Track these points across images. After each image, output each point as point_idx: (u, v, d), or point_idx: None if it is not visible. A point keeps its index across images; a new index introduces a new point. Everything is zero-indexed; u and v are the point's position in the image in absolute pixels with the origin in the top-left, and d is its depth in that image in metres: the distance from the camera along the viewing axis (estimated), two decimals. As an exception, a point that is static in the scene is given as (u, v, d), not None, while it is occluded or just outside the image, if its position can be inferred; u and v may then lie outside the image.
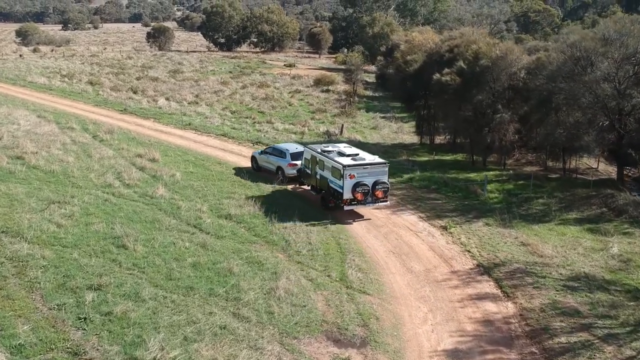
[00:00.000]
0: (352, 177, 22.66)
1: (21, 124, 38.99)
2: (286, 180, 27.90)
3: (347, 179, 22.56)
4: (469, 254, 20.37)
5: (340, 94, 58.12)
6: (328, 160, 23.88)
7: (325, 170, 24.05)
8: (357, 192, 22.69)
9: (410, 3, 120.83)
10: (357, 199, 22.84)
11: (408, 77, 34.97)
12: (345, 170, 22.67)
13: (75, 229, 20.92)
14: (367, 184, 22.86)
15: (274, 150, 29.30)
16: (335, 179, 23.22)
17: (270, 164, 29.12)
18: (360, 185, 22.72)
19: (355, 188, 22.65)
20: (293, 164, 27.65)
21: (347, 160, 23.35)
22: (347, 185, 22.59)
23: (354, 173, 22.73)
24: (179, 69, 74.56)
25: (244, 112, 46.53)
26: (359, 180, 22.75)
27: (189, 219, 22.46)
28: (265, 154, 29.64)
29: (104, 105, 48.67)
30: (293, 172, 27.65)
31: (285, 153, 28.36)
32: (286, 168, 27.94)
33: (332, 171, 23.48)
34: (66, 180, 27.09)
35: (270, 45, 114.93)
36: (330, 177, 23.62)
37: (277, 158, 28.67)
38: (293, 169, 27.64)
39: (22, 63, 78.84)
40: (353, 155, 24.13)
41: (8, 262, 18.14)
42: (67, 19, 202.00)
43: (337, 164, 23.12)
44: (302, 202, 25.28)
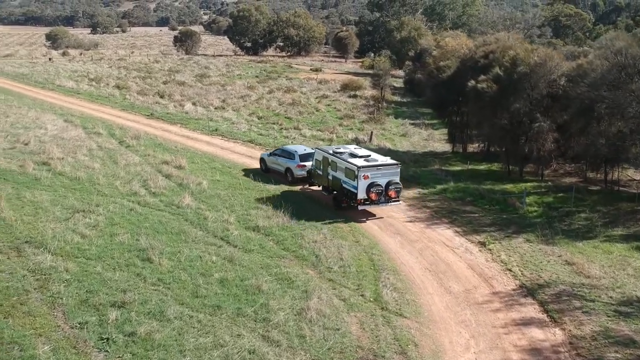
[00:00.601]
0: (366, 178, 23.03)
1: (48, 128, 38.85)
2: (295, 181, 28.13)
3: (361, 179, 22.91)
4: (510, 274, 19.21)
5: (368, 99, 57.14)
6: (341, 162, 24.12)
7: (338, 171, 24.31)
8: (371, 193, 23.03)
9: (438, 7, 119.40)
10: (371, 199, 23.15)
11: (441, 83, 33.85)
12: (360, 171, 22.97)
13: (100, 240, 20.31)
14: (381, 185, 23.23)
15: (283, 152, 29.40)
16: (349, 180, 23.52)
17: (279, 166, 29.21)
18: (375, 185, 23.09)
19: (370, 188, 23.00)
20: (302, 165, 27.83)
21: (360, 162, 23.61)
22: (362, 186, 22.96)
23: (368, 174, 23.08)
24: (206, 73, 74.36)
25: (271, 118, 45.81)
26: (373, 180, 23.12)
27: (215, 231, 21.71)
28: (274, 156, 29.72)
29: (131, 110, 48.43)
30: (302, 173, 27.78)
31: (294, 154, 28.46)
32: (295, 169, 28.07)
33: (346, 172, 23.75)
34: (91, 187, 26.61)
35: (296, 49, 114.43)
36: (344, 177, 23.89)
37: (286, 159, 28.78)
38: (302, 170, 27.79)
39: (51, 66, 79.50)
40: (365, 157, 24.37)
41: (30, 275, 17.57)
42: (96, 23, 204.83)
43: (352, 165, 23.42)
44: (330, 213, 24.32)
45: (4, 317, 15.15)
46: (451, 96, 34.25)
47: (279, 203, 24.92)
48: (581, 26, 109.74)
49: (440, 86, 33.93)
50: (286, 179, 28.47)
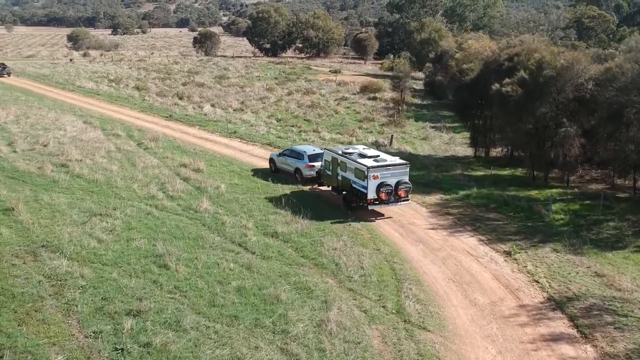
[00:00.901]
0: (376, 178, 23.23)
1: (67, 130, 38.87)
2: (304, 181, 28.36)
3: (370, 179, 23.10)
4: (537, 285, 18.49)
5: (388, 101, 56.43)
6: (350, 162, 24.31)
7: (347, 172, 24.50)
8: (381, 192, 23.25)
9: (458, 8, 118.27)
10: (381, 199, 23.35)
11: (463, 86, 33.12)
12: (369, 171, 23.16)
13: (116, 245, 20.00)
14: (391, 184, 23.47)
15: (292, 152, 29.63)
16: (359, 180, 23.70)
17: (288, 166, 29.45)
18: (384, 185, 23.30)
19: (380, 188, 23.22)
20: (310, 166, 28.08)
21: (370, 162, 23.77)
22: (371, 186, 23.15)
23: (377, 174, 23.28)
24: (225, 74, 74.29)
25: (290, 120, 45.41)
26: (382, 180, 23.32)
27: (233, 237, 21.29)
28: (283, 156, 29.94)
29: (150, 111, 48.37)
30: (311, 174, 28.02)
31: (303, 155, 28.69)
32: (304, 169, 28.31)
33: (355, 172, 23.93)
34: (109, 190, 26.39)
35: (315, 50, 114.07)
36: (353, 178, 24.07)
37: (295, 160, 29.01)
38: (311, 170, 28.02)
39: (72, 67, 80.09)
40: (374, 157, 24.52)
41: (46, 281, 17.30)
42: (117, 24, 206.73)
43: (361, 166, 23.60)
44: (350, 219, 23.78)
45: (18, 325, 14.88)
46: (474, 99, 33.52)
47: (298, 208, 24.44)
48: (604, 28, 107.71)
49: (463, 89, 33.19)
50: (295, 179, 28.67)
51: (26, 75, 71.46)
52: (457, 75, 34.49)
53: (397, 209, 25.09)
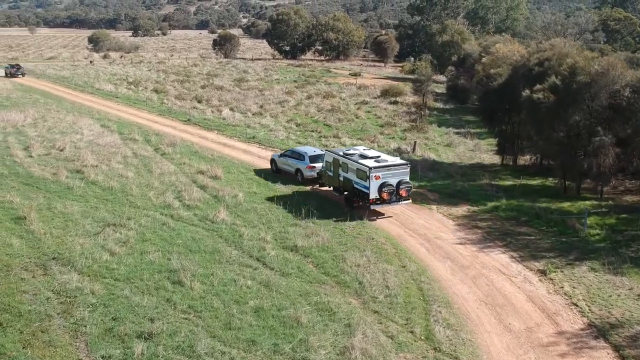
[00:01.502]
0: (378, 178, 23.52)
1: (84, 133, 38.31)
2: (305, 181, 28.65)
3: (372, 180, 23.39)
4: (576, 309, 17.20)
5: (410, 106, 55.21)
6: (352, 163, 24.61)
7: (349, 172, 24.78)
8: (383, 192, 23.55)
9: (481, 10, 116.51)
10: (383, 199, 23.63)
11: (491, 91, 31.82)
12: (371, 171, 23.46)
13: (129, 259, 19.13)
14: (392, 184, 23.79)
15: (293, 153, 29.96)
16: (361, 180, 23.99)
17: (289, 166, 29.76)
18: (386, 185, 23.63)
19: (382, 188, 23.54)
20: (311, 167, 28.38)
21: (371, 162, 24.04)
22: (373, 186, 23.46)
23: (379, 174, 23.58)
24: (244, 77, 73.61)
25: (310, 125, 44.38)
26: (384, 180, 23.64)
27: (251, 250, 20.31)
28: (285, 157, 30.28)
29: (168, 115, 47.72)
30: (311, 174, 28.30)
31: (304, 156, 28.98)
32: (305, 170, 28.61)
33: (357, 173, 24.20)
34: (124, 198, 25.61)
35: (335, 53, 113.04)
36: (355, 178, 24.35)
37: (296, 160, 29.34)
38: (311, 171, 28.32)
39: (92, 69, 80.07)
40: (375, 158, 24.82)
41: (55, 297, 16.47)
42: (137, 26, 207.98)
43: (363, 166, 23.88)
44: (376, 234, 22.68)
45: (23, 347, 14.04)
46: (502, 105, 32.20)
47: (319, 220, 23.43)
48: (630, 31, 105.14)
49: (491, 94, 31.89)
50: (296, 179, 28.92)
51: (46, 77, 71.51)
52: (484, 80, 33.19)
53: (424, 222, 23.95)
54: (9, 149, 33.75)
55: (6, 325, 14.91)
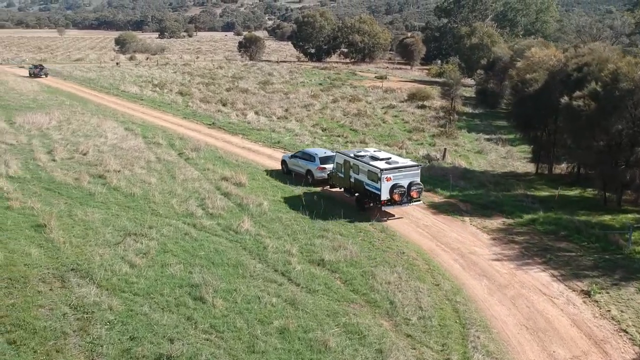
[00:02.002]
0: (389, 180, 23.65)
1: (108, 137, 37.89)
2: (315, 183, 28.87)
3: (384, 181, 23.53)
4: (626, 336, 15.91)
5: (438, 110, 54.00)
6: (363, 165, 24.71)
7: (360, 174, 24.90)
8: (394, 194, 23.66)
9: (510, 13, 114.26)
10: (394, 200, 23.75)
11: (526, 97, 30.48)
12: (383, 173, 23.60)
13: (150, 272, 18.37)
14: (403, 186, 23.88)
15: (304, 155, 30.10)
16: (372, 182, 24.11)
17: (299, 167, 29.91)
18: (397, 187, 23.74)
19: (393, 190, 23.65)
20: (322, 168, 28.53)
21: (382, 164, 24.18)
22: (385, 188, 23.62)
23: (390, 176, 23.70)
24: (269, 80, 73.02)
25: (336, 130, 43.45)
26: (395, 182, 23.77)
27: (276, 264, 19.40)
28: (295, 158, 30.42)
29: (193, 118, 47.20)
30: (322, 175, 28.41)
31: (315, 157, 29.16)
32: (315, 171, 28.76)
33: (368, 174, 24.33)
34: (146, 206, 24.92)
35: (360, 56, 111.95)
36: (367, 180, 24.47)
37: (307, 162, 29.48)
38: (322, 172, 28.45)
39: (118, 71, 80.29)
40: (386, 159, 24.97)
41: (71, 313, 15.74)
42: (164, 27, 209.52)
43: (374, 168, 24.02)
44: (413, 249, 21.61)
45: (36, 368, 13.32)
46: (538, 112, 30.81)
47: (347, 231, 22.48)
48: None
49: (526, 101, 30.54)
50: (306, 180, 29.05)
51: (73, 78, 71.81)
52: (519, 86, 31.84)
53: (457, 235, 22.81)
54: (33, 152, 33.41)
55: (20, 344, 14.22)
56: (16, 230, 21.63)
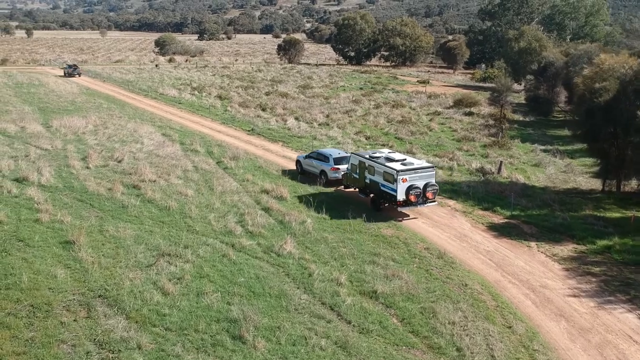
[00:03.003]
0: (405, 181, 23.75)
1: (145, 143, 36.52)
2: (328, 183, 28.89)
3: (400, 182, 23.63)
4: None
5: (487, 118, 51.15)
6: (379, 166, 24.80)
7: (375, 175, 25.00)
8: (410, 194, 23.75)
9: (557, 16, 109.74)
10: (410, 201, 23.87)
11: (595, 108, 27.69)
12: (399, 174, 23.68)
13: (184, 301, 16.52)
14: (419, 187, 23.98)
15: (319, 155, 30.15)
16: (388, 183, 24.20)
17: (314, 168, 30.01)
18: (414, 188, 23.83)
19: (409, 191, 23.75)
20: (336, 168, 28.65)
21: (398, 166, 24.28)
22: (401, 189, 23.73)
23: (406, 177, 23.79)
24: (309, 84, 71.17)
25: (380, 138, 41.18)
26: (411, 183, 23.86)
27: (323, 295, 17.33)
28: (310, 158, 30.49)
29: (232, 124, 45.61)
30: (336, 176, 28.55)
31: (329, 157, 29.26)
32: (329, 172, 28.89)
33: (384, 176, 24.41)
34: (182, 221, 23.19)
35: (401, 59, 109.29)
36: (382, 181, 24.57)
37: (321, 162, 29.59)
38: (335, 172, 28.59)
39: (157, 73, 79.69)
40: (402, 161, 25.03)
41: (95, 351, 13.99)
42: (203, 30, 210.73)
43: (390, 169, 24.10)
44: (476, 279, 19.27)
45: None
46: (608, 124, 27.98)
47: (400, 257, 20.27)
48: None
49: (595, 112, 27.75)
50: (320, 180, 29.09)
51: (112, 80, 71.40)
52: (586, 96, 29.05)
53: (525, 264, 20.34)
54: (67, 158, 32.22)
55: (36, 389, 12.51)
56: (43, 247, 20.17)
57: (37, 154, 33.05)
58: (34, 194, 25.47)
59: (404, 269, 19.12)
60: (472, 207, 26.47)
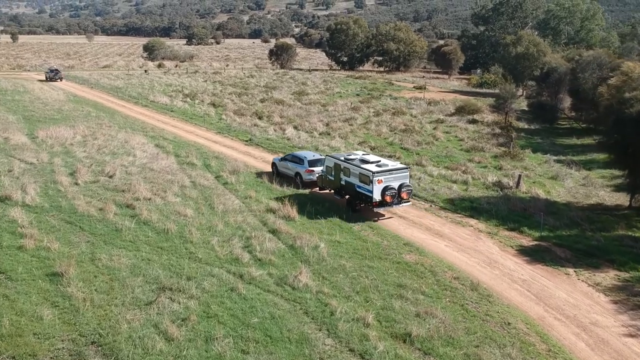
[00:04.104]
0: (380, 182, 24.18)
1: (137, 155, 34.19)
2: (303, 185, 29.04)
3: (375, 184, 24.05)
4: None
5: (492, 125, 49.38)
6: (354, 168, 25.21)
7: (351, 177, 25.42)
8: (386, 195, 24.18)
9: (552, 21, 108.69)
10: (386, 201, 24.31)
11: (627, 119, 25.83)
12: (374, 176, 24.06)
13: (191, 350, 14.27)
14: (394, 187, 24.42)
15: (293, 157, 30.32)
16: (364, 184, 24.62)
17: (289, 170, 30.21)
18: (389, 189, 24.26)
19: (385, 191, 24.18)
20: (310, 170, 28.90)
21: (374, 167, 24.71)
22: (377, 190, 24.13)
23: (381, 178, 24.22)
24: (304, 90, 69.11)
25: (385, 149, 39.14)
26: (387, 184, 24.29)
27: (350, 339, 15.14)
28: (285, 161, 30.69)
29: (227, 133, 43.37)
30: (310, 178, 28.83)
31: (304, 160, 29.48)
32: (304, 174, 29.08)
33: (360, 177, 24.83)
34: (182, 246, 20.94)
35: (395, 64, 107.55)
36: (358, 182, 24.97)
37: (296, 164, 29.76)
38: (310, 175, 28.86)
39: (146, 79, 77.24)
40: (376, 162, 25.45)
41: (90, 421, 11.69)
42: (192, 34, 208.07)
43: (366, 171, 24.55)
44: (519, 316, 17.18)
45: None
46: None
47: (429, 287, 18.17)
48: None
49: (626, 123, 25.88)
50: (295, 183, 29.30)
51: (100, 86, 68.87)
52: (614, 106, 27.20)
53: (567, 296, 18.30)
54: (54, 173, 29.83)
55: None
56: (28, 280, 17.85)
57: (21, 168, 30.62)
58: (17, 216, 23.12)
59: (436, 304, 17.00)
60: (496, 227, 24.45)
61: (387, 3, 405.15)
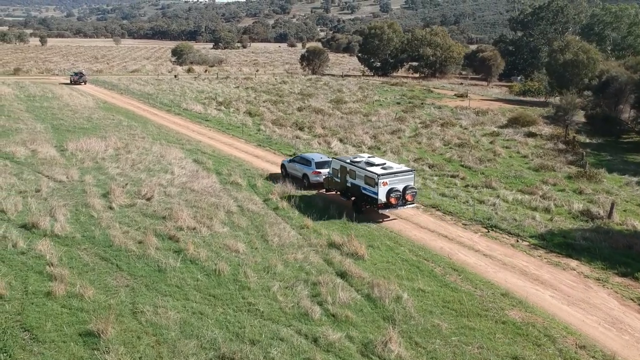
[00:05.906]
0: (386, 184, 24.39)
1: (175, 172, 31.01)
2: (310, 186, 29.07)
3: (381, 186, 24.24)
4: None
5: (553, 140, 45.25)
6: (360, 170, 25.45)
7: (357, 179, 25.61)
8: (391, 197, 24.39)
9: (597, 26, 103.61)
10: (391, 203, 24.50)
11: None
12: (380, 178, 24.25)
13: None
14: (399, 189, 24.63)
15: (301, 159, 30.82)
16: (369, 187, 24.82)
17: (296, 171, 30.69)
18: (394, 191, 24.47)
19: (390, 193, 24.40)
20: (317, 172, 29.32)
21: (379, 170, 24.92)
22: (382, 192, 24.33)
23: (386, 180, 24.40)
24: (341, 97, 65.64)
25: (445, 167, 35.39)
26: (392, 186, 24.51)
27: None
28: (293, 162, 31.21)
29: (269, 146, 40.04)
30: (317, 179, 29.22)
31: (311, 162, 29.95)
32: (311, 175, 29.47)
33: (365, 179, 25.05)
34: (239, 294, 17.52)
35: (430, 70, 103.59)
36: (363, 184, 25.19)
37: (303, 166, 30.18)
38: (317, 176, 29.25)
39: (177, 85, 74.56)
40: (381, 165, 25.74)
41: None
42: (218, 38, 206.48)
43: (371, 173, 24.71)
44: None
45: None
46: None
47: (554, 359, 14.44)
48: None
49: None
50: (302, 184, 29.62)
51: (130, 92, 66.29)
52: None
53: None
54: (85, 194, 26.74)
55: None
56: (57, 342, 14.58)
57: (49, 187, 27.63)
58: (45, 249, 20.00)
59: (571, 388, 13.29)
60: (603, 272, 20.59)
61: (413, 7, 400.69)
